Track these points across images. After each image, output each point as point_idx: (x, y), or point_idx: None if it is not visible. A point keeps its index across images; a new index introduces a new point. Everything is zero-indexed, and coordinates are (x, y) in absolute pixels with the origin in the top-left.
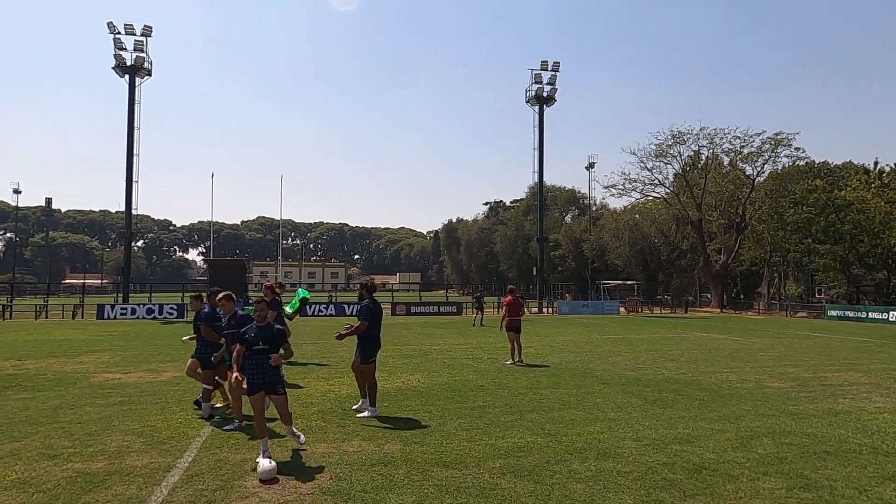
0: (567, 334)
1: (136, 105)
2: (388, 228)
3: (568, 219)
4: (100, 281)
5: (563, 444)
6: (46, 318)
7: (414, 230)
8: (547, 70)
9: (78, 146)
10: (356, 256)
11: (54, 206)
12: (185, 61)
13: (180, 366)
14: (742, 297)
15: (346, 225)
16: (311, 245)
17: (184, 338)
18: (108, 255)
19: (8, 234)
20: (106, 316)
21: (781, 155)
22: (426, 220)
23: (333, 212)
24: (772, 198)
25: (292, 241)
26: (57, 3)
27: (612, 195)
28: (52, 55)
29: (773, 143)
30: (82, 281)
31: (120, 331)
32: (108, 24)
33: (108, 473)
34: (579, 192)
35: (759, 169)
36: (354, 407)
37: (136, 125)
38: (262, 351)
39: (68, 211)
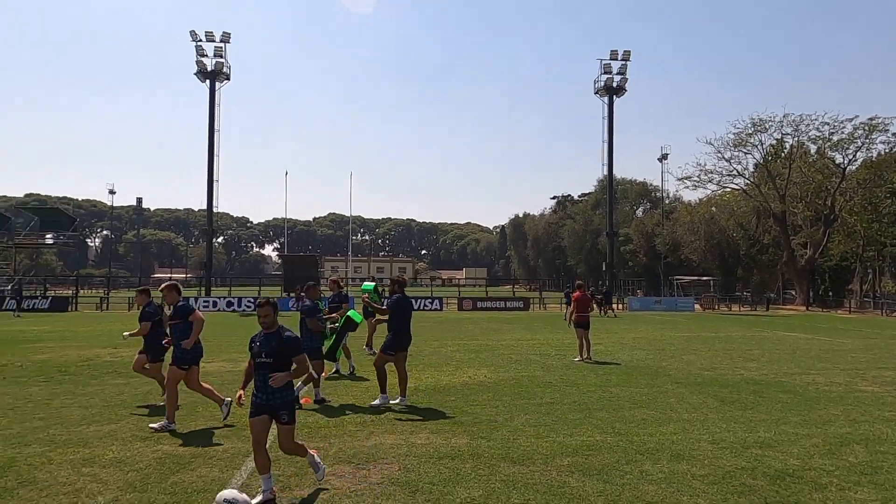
0: (638, 331)
1: (216, 108)
2: (455, 224)
3: (639, 212)
4: (185, 275)
5: (634, 444)
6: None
7: (480, 225)
8: (617, 59)
9: (164, 148)
10: (423, 252)
11: (144, 205)
12: (260, 63)
13: None
14: (831, 294)
15: (414, 220)
16: (380, 240)
17: (125, 334)
18: (191, 251)
19: (104, 232)
20: None
21: (877, 141)
22: (492, 216)
23: (401, 207)
24: (865, 188)
25: (361, 236)
26: (148, 15)
27: (687, 187)
28: (142, 62)
29: (866, 128)
30: (169, 275)
31: None
32: (190, 32)
33: (193, 456)
34: (651, 184)
35: (850, 157)
36: (393, 401)
37: (216, 127)
38: (265, 365)
39: (156, 209)
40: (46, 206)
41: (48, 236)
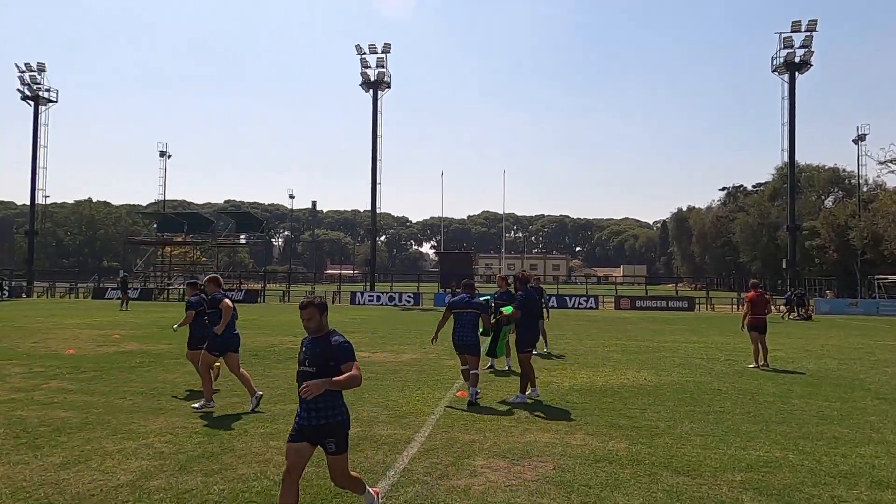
0: (827, 337)
1: (378, 115)
2: (611, 219)
3: (828, 202)
4: (352, 271)
5: (823, 464)
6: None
7: (638, 220)
8: (800, 31)
9: (335, 154)
10: (577, 248)
11: (318, 208)
12: (416, 65)
13: (418, 348)
14: None
15: (568, 217)
16: (533, 238)
17: (174, 326)
18: (358, 249)
19: (286, 232)
20: (357, 302)
21: None
22: (652, 210)
23: (554, 204)
24: None
25: (514, 233)
26: (316, 30)
27: (891, 171)
28: (315, 77)
29: None
30: (339, 271)
31: (368, 315)
32: (355, 46)
33: (360, 439)
34: (844, 170)
35: None
36: (528, 395)
37: (378, 133)
38: (306, 375)
39: (328, 211)
40: (241, 211)
41: (242, 237)
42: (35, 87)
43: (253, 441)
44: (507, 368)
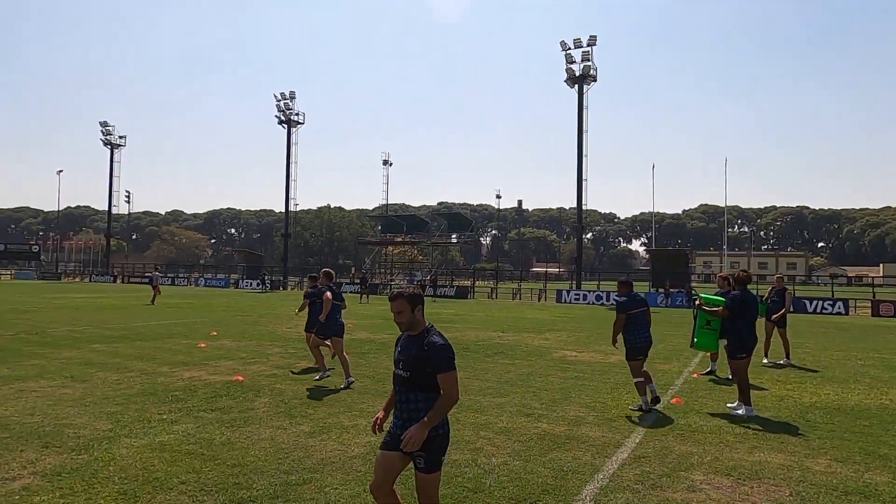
0: None
1: (583, 110)
2: (865, 209)
3: None
4: (558, 269)
5: None
6: (519, 299)
7: None
8: None
9: (539, 152)
10: (820, 244)
11: (524, 207)
12: (623, 57)
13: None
14: None
15: (806, 208)
16: (762, 232)
17: (297, 310)
18: (563, 247)
19: (493, 231)
20: (562, 300)
21: None
22: None
23: (789, 194)
24: None
25: (738, 228)
26: (524, 31)
27: None
28: (519, 75)
29: None
30: (545, 269)
31: (574, 314)
32: (560, 42)
33: (567, 438)
34: None
35: None
36: (729, 405)
37: (584, 128)
38: (400, 380)
39: (534, 210)
40: (452, 212)
41: (453, 236)
42: (288, 112)
43: (464, 429)
44: (707, 371)
